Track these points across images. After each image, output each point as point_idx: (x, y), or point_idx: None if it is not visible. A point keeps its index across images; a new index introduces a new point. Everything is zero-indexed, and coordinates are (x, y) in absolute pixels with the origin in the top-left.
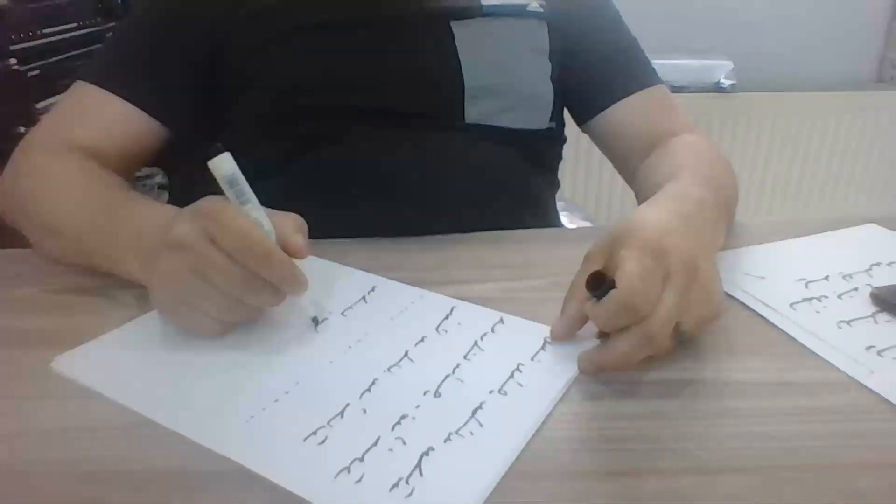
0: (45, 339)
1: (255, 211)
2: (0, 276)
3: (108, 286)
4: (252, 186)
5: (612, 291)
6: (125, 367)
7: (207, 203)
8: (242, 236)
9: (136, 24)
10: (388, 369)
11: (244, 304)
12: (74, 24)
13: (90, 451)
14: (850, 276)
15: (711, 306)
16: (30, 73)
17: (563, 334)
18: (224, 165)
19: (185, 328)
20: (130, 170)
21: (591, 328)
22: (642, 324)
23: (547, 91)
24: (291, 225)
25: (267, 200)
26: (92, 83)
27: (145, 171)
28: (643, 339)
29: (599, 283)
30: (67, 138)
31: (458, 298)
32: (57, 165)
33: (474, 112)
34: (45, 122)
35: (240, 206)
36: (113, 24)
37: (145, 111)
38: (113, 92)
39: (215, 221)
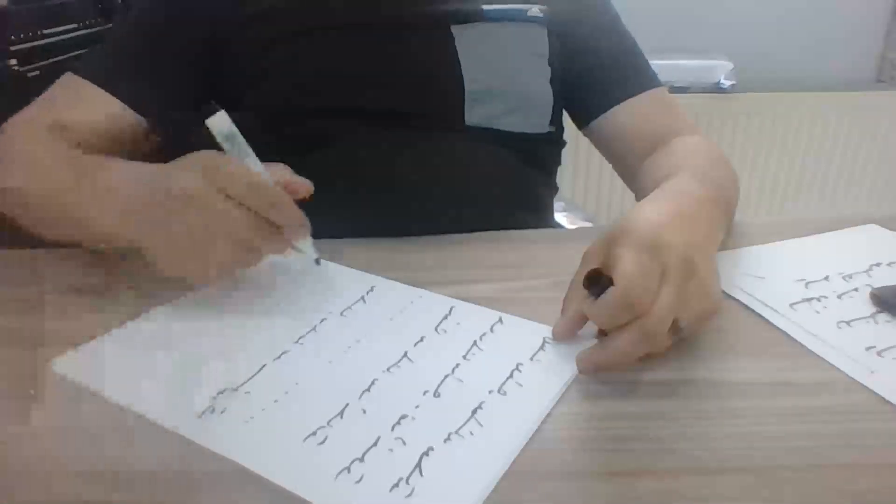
0: (45, 340)
1: (255, 163)
2: (0, 276)
3: (108, 286)
4: None
5: (610, 289)
6: (125, 368)
7: (207, 157)
8: (252, 185)
9: (135, 21)
10: (388, 369)
11: (254, 249)
12: (74, 25)
13: (90, 451)
14: (850, 276)
15: (709, 302)
16: (30, 74)
17: (565, 334)
18: (221, 123)
19: (191, 278)
20: None
21: (590, 328)
22: (640, 320)
23: (546, 95)
24: (284, 171)
25: None
26: (83, 77)
27: None
28: (642, 336)
29: (597, 281)
30: (50, 122)
31: (457, 298)
32: (30, 141)
33: (474, 115)
34: (28, 108)
35: (241, 160)
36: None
37: (134, 109)
38: (102, 87)
39: (224, 173)
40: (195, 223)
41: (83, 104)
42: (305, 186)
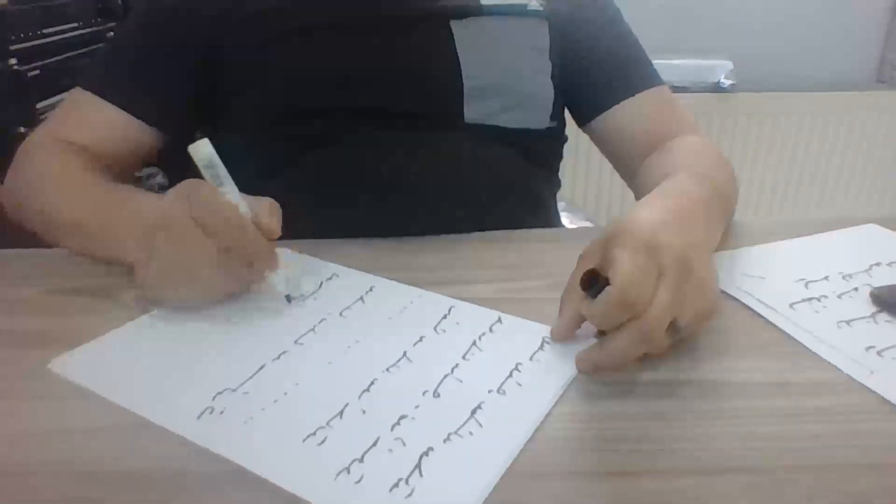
0: (45, 340)
1: (231, 193)
2: (0, 276)
3: (107, 287)
4: (252, 187)
5: (607, 289)
6: (124, 368)
7: (189, 184)
8: (217, 212)
9: (133, 28)
10: (387, 369)
11: (222, 278)
12: (75, 25)
13: (89, 451)
14: (850, 276)
15: (707, 301)
16: (30, 74)
17: (563, 335)
18: (201, 150)
19: (170, 301)
20: (130, 170)
21: (589, 328)
22: (638, 320)
23: (547, 90)
24: (266, 208)
25: None
26: (88, 90)
27: (146, 171)
28: (639, 336)
29: (594, 282)
30: (66, 141)
31: (456, 298)
32: (56, 162)
33: (474, 112)
34: (45, 125)
35: (217, 188)
36: (113, 24)
37: (140, 118)
38: (108, 100)
39: (194, 200)
40: (164, 246)
41: (98, 123)
42: (275, 231)
